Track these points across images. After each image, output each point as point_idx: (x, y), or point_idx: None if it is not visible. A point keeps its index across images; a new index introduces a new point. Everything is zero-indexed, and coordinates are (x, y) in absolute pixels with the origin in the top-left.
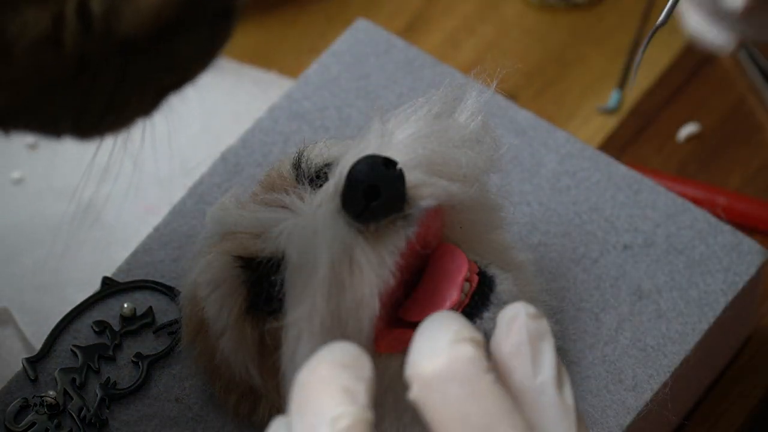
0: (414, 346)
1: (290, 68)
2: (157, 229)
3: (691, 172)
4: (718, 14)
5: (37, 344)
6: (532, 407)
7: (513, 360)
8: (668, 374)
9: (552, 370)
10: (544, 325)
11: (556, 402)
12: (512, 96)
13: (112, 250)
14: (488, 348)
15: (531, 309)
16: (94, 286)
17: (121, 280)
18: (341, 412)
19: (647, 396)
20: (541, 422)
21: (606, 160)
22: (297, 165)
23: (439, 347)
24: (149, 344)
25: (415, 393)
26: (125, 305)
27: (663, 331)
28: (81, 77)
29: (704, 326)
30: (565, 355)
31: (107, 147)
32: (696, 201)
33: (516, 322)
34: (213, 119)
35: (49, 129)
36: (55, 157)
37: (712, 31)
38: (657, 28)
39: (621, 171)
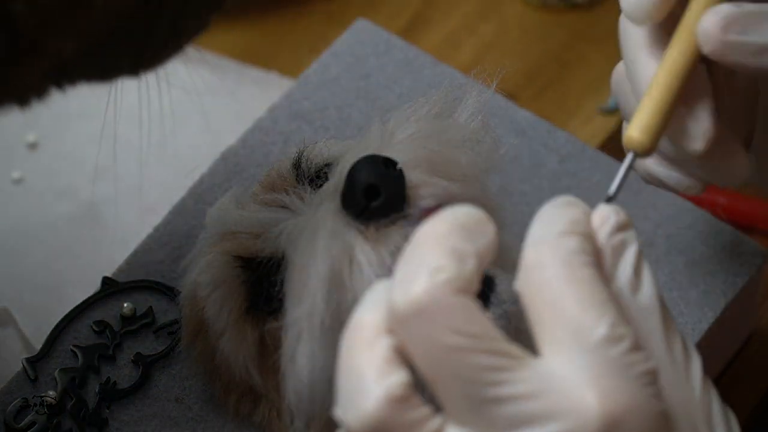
0: (530, 229)
1: (290, 68)
2: (157, 229)
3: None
4: (678, 159)
5: (37, 344)
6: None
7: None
8: None
9: (627, 272)
10: (629, 233)
11: (632, 303)
12: (512, 96)
13: (113, 250)
14: None
15: (621, 217)
16: (94, 285)
17: (121, 280)
18: (444, 265)
19: None
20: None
21: (606, 160)
22: (297, 165)
23: (547, 235)
24: (149, 344)
25: (518, 279)
26: (125, 305)
27: None
28: (150, 5)
29: (704, 326)
30: None
31: (108, 148)
32: (696, 201)
33: (600, 231)
34: (213, 119)
35: (110, 72)
36: (56, 156)
37: (674, 176)
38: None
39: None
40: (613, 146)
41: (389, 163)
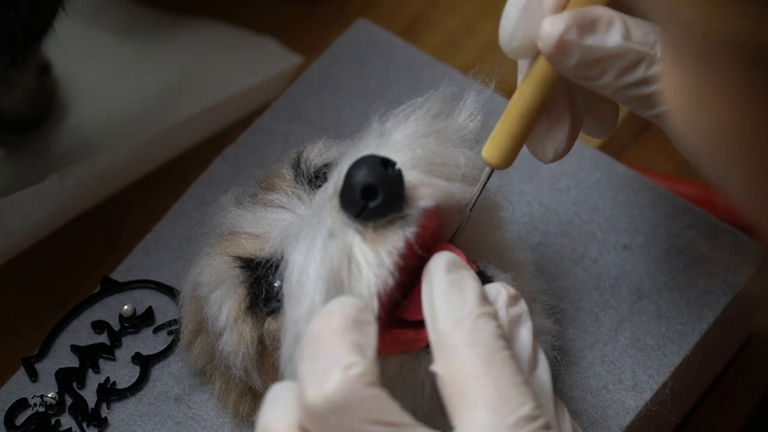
0: (436, 307)
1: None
2: (156, 230)
3: (691, 172)
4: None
5: None
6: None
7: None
8: (668, 374)
9: (526, 349)
10: (522, 306)
11: (529, 381)
12: (512, 96)
13: None
14: None
15: (511, 290)
16: None
17: (120, 280)
18: (353, 361)
19: (647, 396)
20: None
21: (606, 160)
22: (296, 165)
23: (464, 316)
24: (148, 344)
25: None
26: (125, 306)
27: (663, 331)
28: None
29: (704, 326)
30: (565, 355)
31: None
32: (696, 201)
33: (495, 303)
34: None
35: None
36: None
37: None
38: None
39: (621, 171)
40: (613, 146)
41: (388, 163)
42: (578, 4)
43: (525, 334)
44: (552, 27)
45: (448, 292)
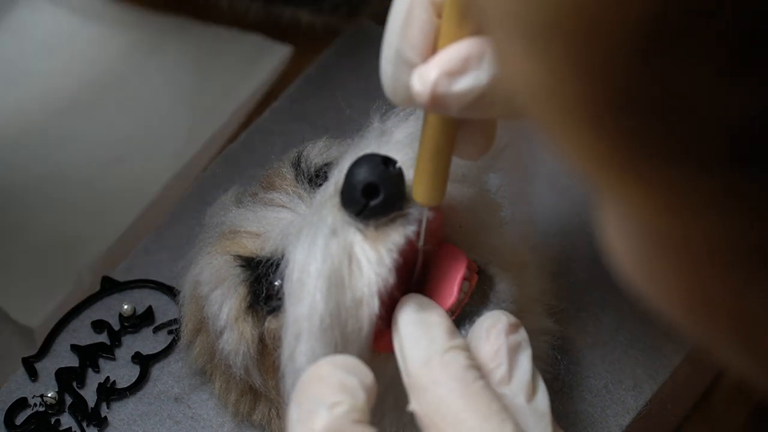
0: (405, 349)
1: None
2: (157, 229)
3: None
4: None
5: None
6: (509, 409)
7: (490, 364)
8: (668, 374)
9: (526, 377)
10: (522, 334)
11: (527, 408)
12: None
13: None
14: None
15: (511, 318)
16: None
17: (120, 280)
18: (339, 400)
19: (647, 396)
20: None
21: None
22: (296, 164)
23: (433, 354)
24: (148, 343)
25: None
26: (125, 305)
27: (663, 332)
28: None
29: None
30: (564, 355)
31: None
32: None
33: (495, 330)
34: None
35: None
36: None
37: None
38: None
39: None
40: None
41: (389, 162)
42: (447, 39)
43: (524, 362)
44: (421, 83)
45: (414, 333)
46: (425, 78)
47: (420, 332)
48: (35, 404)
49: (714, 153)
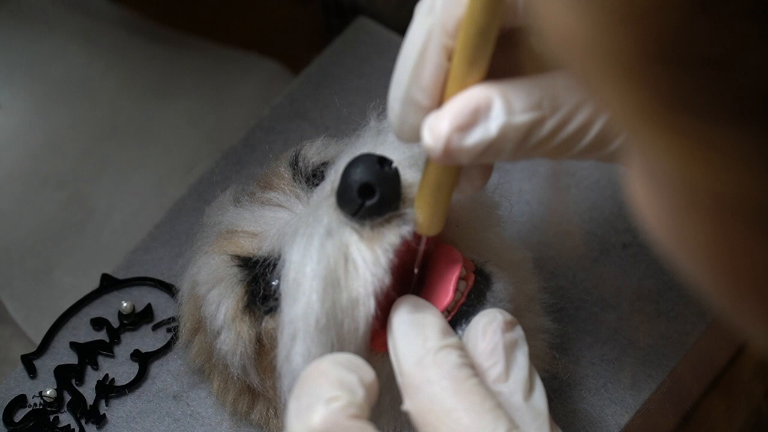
0: (397, 349)
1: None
2: (156, 227)
3: None
4: None
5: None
6: (505, 407)
7: (486, 362)
8: (667, 374)
9: (523, 374)
10: (519, 332)
11: (524, 405)
12: None
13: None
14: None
15: (507, 316)
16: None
17: (120, 277)
18: (336, 395)
19: (645, 395)
20: (516, 422)
21: None
22: (294, 164)
23: (426, 352)
24: (147, 341)
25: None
26: (124, 303)
27: (662, 331)
28: None
29: (703, 326)
30: (564, 354)
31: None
32: None
33: (491, 328)
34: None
35: None
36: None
37: None
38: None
39: (621, 171)
40: None
41: (384, 162)
42: (456, 84)
43: (521, 360)
44: (433, 139)
45: (407, 333)
46: (437, 133)
47: (413, 332)
48: (34, 402)
49: (752, 110)
